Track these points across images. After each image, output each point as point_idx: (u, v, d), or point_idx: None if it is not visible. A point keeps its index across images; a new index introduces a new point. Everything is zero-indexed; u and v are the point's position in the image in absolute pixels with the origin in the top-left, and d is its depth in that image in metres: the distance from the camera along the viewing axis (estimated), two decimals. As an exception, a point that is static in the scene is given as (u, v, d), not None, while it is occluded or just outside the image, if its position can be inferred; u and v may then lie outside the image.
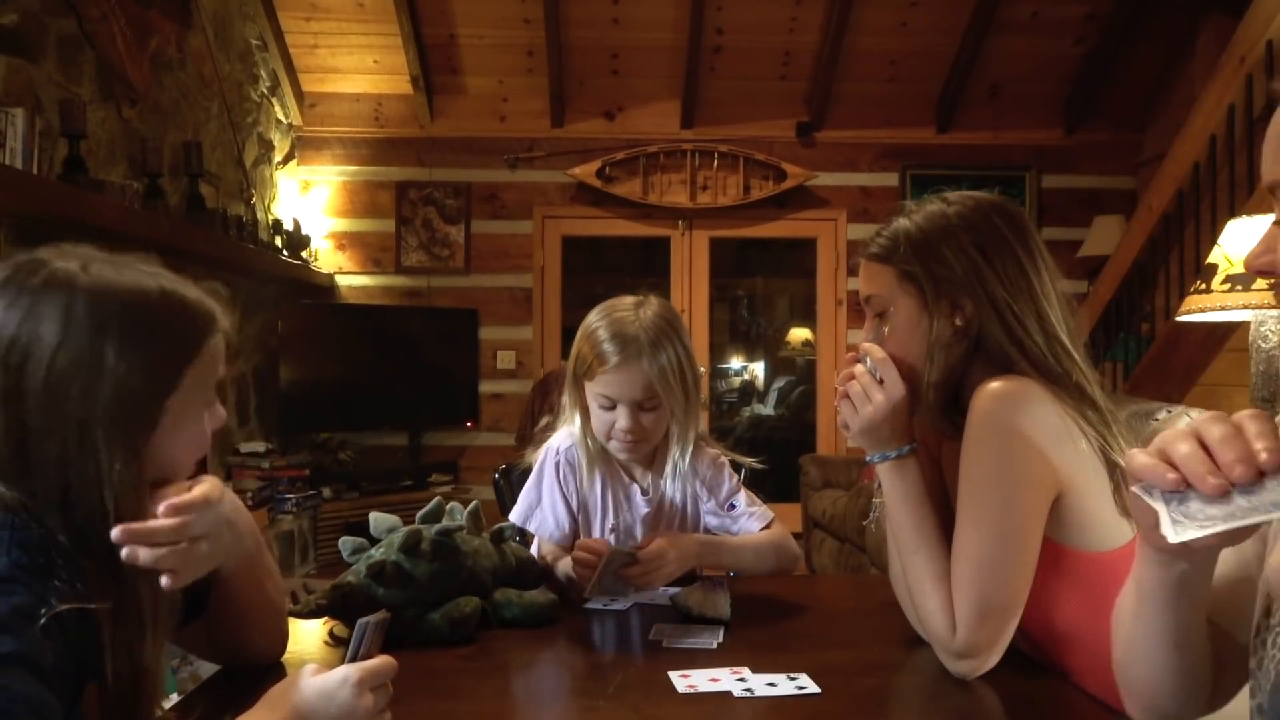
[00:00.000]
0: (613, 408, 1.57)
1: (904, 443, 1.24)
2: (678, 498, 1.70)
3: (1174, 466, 0.64)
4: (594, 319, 1.60)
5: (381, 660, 0.91)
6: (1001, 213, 1.25)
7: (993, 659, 1.14)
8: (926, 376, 1.23)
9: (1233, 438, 0.62)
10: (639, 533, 1.67)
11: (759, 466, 1.86)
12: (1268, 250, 0.76)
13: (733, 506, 1.70)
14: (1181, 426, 0.67)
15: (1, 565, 0.77)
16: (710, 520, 1.71)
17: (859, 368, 1.26)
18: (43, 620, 0.76)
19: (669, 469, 1.66)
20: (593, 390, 1.58)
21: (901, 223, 1.28)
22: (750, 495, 1.73)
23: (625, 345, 1.53)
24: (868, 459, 1.27)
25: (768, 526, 1.70)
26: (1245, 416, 0.64)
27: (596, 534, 1.68)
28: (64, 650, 0.77)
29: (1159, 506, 0.63)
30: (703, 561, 1.62)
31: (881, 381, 1.23)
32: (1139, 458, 0.68)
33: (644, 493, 1.69)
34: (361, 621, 0.92)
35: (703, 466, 1.70)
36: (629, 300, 1.62)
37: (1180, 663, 0.81)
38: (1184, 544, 0.64)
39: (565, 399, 1.67)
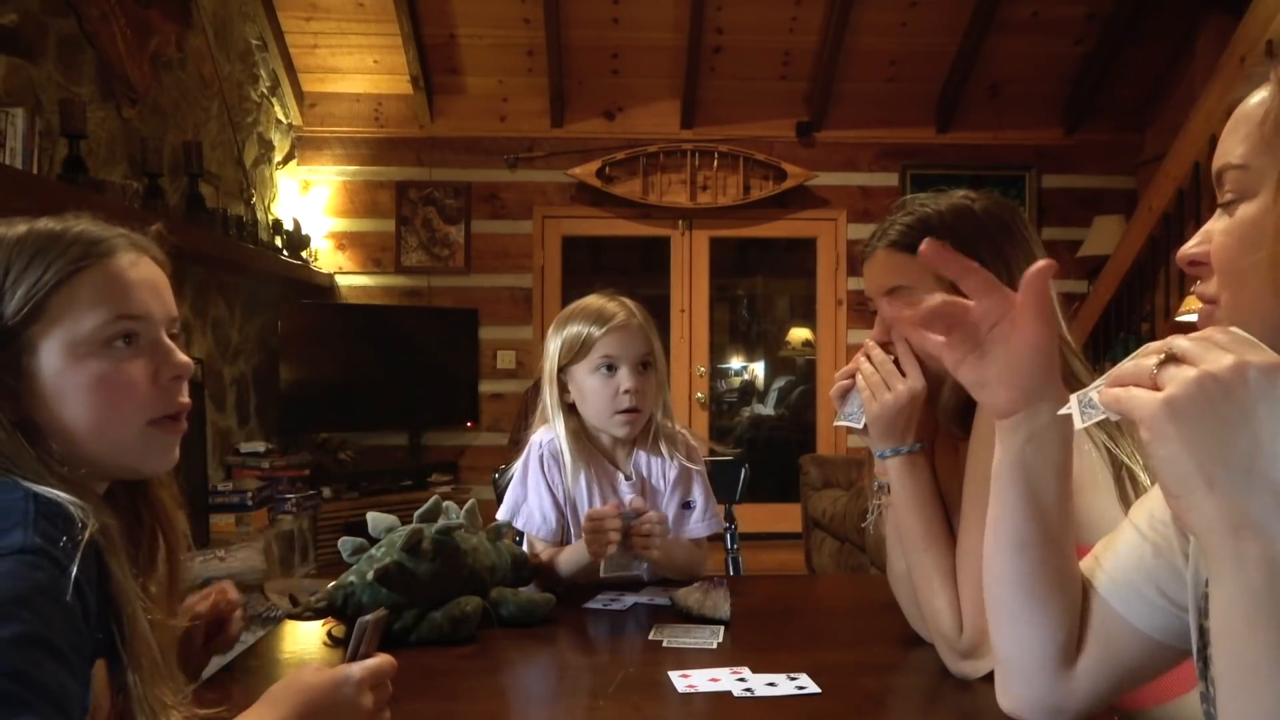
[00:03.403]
0: (613, 372, 1.62)
1: (916, 439, 1.21)
2: (660, 483, 1.72)
3: None
4: (571, 314, 1.68)
5: (381, 659, 0.91)
6: (1019, 215, 1.25)
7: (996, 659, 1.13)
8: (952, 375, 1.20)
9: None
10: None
11: (729, 456, 1.93)
12: (1204, 240, 0.73)
13: (687, 507, 1.72)
14: None
15: (27, 539, 0.74)
16: (669, 511, 1.72)
17: (877, 353, 1.21)
18: (67, 597, 0.73)
19: (636, 451, 1.71)
20: (590, 362, 1.63)
21: (927, 212, 1.22)
22: (709, 493, 1.75)
23: (616, 311, 1.63)
24: (878, 454, 1.24)
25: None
26: None
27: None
28: (83, 628, 0.75)
29: (1072, 398, 0.71)
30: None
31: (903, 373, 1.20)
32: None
33: (628, 479, 1.72)
34: (361, 620, 0.92)
35: (678, 456, 1.73)
36: (597, 294, 1.70)
37: (1019, 567, 0.82)
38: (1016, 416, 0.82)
39: (545, 401, 1.70)
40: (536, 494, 1.69)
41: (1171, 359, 0.60)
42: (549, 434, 1.71)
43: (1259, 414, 0.57)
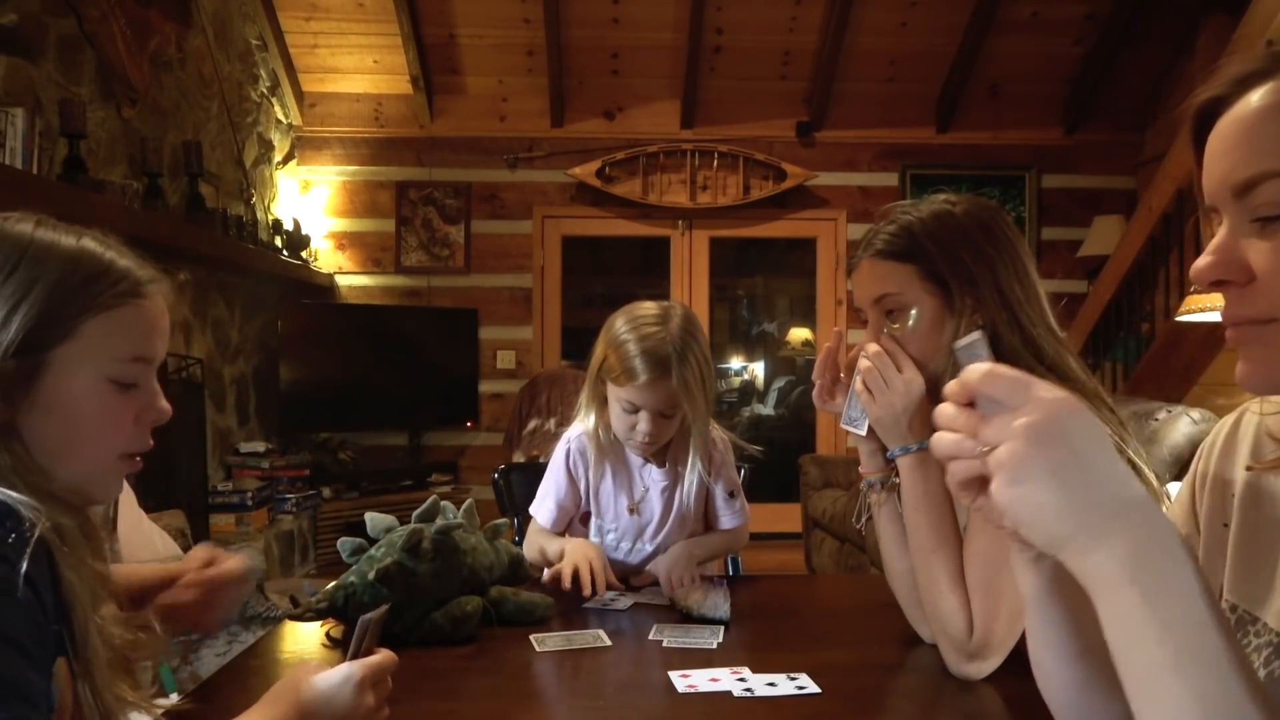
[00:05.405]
0: (635, 411, 1.63)
1: (926, 436, 1.21)
2: (688, 473, 1.75)
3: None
4: (623, 329, 1.61)
5: (383, 656, 0.92)
6: (1001, 216, 1.26)
7: (999, 661, 1.13)
8: (946, 379, 1.20)
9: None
10: (658, 507, 1.73)
11: (759, 455, 1.94)
12: (1223, 257, 0.70)
13: (732, 495, 1.79)
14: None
15: None
16: (717, 499, 1.80)
17: (873, 348, 1.22)
18: (19, 593, 0.73)
19: (690, 461, 1.72)
20: (618, 394, 1.63)
21: (909, 220, 1.23)
22: (740, 491, 1.83)
23: (655, 364, 1.57)
24: (889, 453, 1.25)
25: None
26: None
27: (610, 515, 1.74)
28: (42, 621, 0.75)
29: None
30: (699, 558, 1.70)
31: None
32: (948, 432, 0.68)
33: (659, 466, 1.74)
34: (363, 619, 0.92)
35: (715, 453, 1.77)
36: (654, 311, 1.64)
37: (1087, 673, 0.77)
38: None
39: (583, 395, 1.73)
40: (555, 484, 1.76)
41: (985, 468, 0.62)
42: (580, 429, 1.75)
43: (1076, 445, 0.58)
